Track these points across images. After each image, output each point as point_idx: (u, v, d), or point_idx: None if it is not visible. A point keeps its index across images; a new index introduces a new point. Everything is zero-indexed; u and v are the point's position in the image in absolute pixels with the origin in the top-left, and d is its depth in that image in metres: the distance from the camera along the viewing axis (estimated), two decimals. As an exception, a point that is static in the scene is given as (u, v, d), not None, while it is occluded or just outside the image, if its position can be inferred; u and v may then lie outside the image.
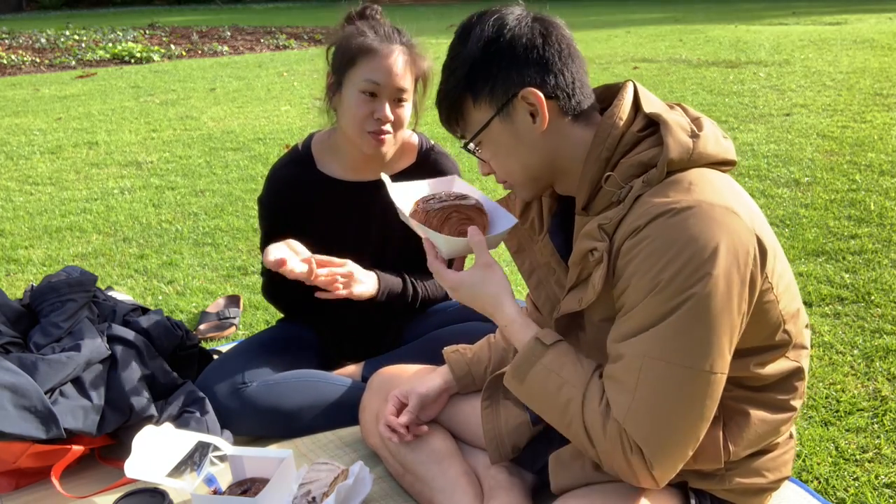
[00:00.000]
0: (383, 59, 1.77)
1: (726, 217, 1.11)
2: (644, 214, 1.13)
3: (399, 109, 1.83)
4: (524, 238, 1.44)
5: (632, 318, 1.14)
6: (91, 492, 1.72)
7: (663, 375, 1.11)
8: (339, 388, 1.93)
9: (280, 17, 17.48)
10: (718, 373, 1.12)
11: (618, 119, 1.20)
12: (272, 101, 7.07)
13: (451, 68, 1.24)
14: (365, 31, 1.81)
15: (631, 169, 1.18)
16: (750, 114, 5.68)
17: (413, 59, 1.82)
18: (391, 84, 1.79)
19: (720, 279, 1.09)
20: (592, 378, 1.19)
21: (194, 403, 1.81)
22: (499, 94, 1.21)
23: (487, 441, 1.52)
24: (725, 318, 1.10)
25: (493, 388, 1.54)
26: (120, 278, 3.15)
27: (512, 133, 1.23)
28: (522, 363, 1.24)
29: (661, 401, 1.11)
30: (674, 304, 1.09)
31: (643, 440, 1.12)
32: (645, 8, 16.64)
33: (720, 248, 1.09)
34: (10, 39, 12.66)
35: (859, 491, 1.76)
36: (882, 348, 2.36)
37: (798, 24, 12.09)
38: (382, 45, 1.78)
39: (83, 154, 5.26)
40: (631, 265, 1.13)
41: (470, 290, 1.31)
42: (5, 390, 1.63)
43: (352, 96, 1.81)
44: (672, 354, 1.10)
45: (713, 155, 1.20)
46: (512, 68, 1.20)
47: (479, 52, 1.21)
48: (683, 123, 1.20)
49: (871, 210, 3.56)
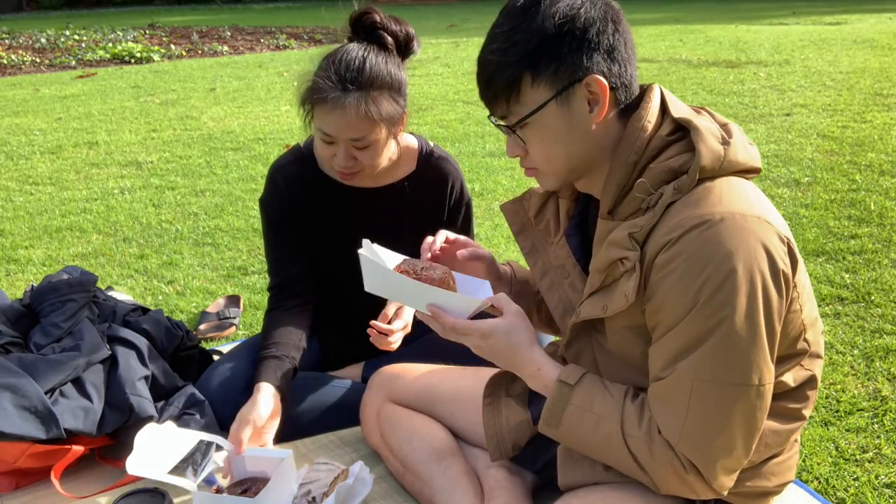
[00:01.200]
0: (333, 112, 1.66)
1: (760, 227, 1.10)
2: (677, 227, 1.11)
3: (362, 153, 1.73)
4: (538, 239, 1.42)
5: (673, 339, 1.12)
6: (91, 492, 1.72)
7: (715, 396, 1.10)
8: (340, 389, 1.93)
9: (280, 17, 17.48)
10: (767, 384, 1.12)
11: (646, 122, 1.18)
12: (272, 101, 7.07)
13: (514, 40, 1.14)
14: (323, 71, 1.69)
15: (661, 175, 1.16)
16: (750, 114, 5.68)
17: (368, 105, 1.66)
18: (343, 136, 1.70)
19: (758, 291, 1.09)
20: (625, 404, 1.18)
21: (194, 406, 1.81)
22: (563, 76, 1.14)
23: (488, 438, 1.52)
24: (768, 330, 1.10)
25: (494, 385, 1.54)
26: (120, 278, 3.15)
27: (565, 119, 1.17)
28: (553, 408, 1.23)
29: (715, 419, 1.11)
30: (715, 322, 1.09)
31: (699, 459, 1.12)
32: (645, 8, 16.63)
33: (757, 261, 1.08)
34: (10, 39, 12.66)
35: (859, 491, 1.75)
36: (882, 348, 2.36)
37: (798, 24, 12.09)
38: (335, 95, 1.65)
39: (83, 154, 5.26)
40: (666, 281, 1.12)
41: (505, 338, 1.24)
42: (5, 390, 1.63)
43: (316, 134, 1.75)
44: (721, 374, 1.10)
45: (742, 163, 1.18)
46: (582, 51, 1.14)
47: (553, 28, 1.13)
48: (714, 130, 1.19)
49: (871, 210, 3.56)
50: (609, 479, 1.30)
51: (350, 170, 1.75)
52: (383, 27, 1.75)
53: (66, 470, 1.73)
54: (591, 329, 1.31)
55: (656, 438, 1.15)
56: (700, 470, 1.13)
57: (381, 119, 1.69)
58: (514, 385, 1.54)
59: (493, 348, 1.25)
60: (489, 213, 3.80)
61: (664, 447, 1.14)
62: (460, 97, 6.45)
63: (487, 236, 3.51)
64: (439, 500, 1.53)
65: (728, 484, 1.16)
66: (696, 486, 1.15)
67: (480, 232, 3.55)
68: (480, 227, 3.62)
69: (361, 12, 1.74)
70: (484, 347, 1.26)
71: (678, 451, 1.13)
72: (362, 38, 1.75)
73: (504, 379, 1.55)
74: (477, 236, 3.50)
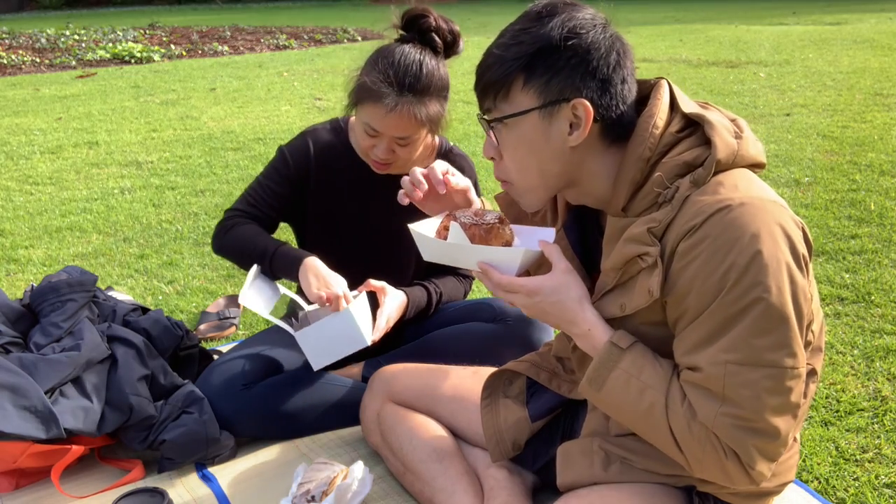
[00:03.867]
0: (384, 111, 1.72)
1: (778, 210, 1.11)
2: (699, 213, 1.11)
3: (403, 148, 1.81)
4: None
5: (703, 325, 1.12)
6: (91, 492, 1.72)
7: (749, 380, 1.09)
8: (340, 389, 1.93)
9: (280, 17, 17.48)
10: (801, 367, 1.11)
11: (658, 119, 1.17)
12: (272, 101, 7.07)
13: (518, 39, 1.16)
14: (380, 72, 1.73)
15: (675, 168, 1.16)
16: (750, 114, 5.68)
17: (420, 109, 1.74)
18: (389, 134, 1.76)
19: (784, 274, 1.08)
20: (672, 379, 1.17)
21: (194, 404, 1.81)
22: (553, 89, 1.15)
23: (487, 438, 1.52)
24: (796, 311, 1.10)
25: (492, 385, 1.54)
26: (120, 278, 3.15)
27: (543, 133, 1.17)
28: (600, 369, 1.19)
29: (751, 404, 1.10)
30: (744, 304, 1.08)
31: (738, 445, 1.11)
32: (645, 8, 16.64)
33: (780, 242, 1.09)
34: (10, 39, 12.66)
35: (859, 491, 1.75)
36: (882, 348, 2.36)
37: (798, 24, 12.09)
38: (389, 94, 1.71)
39: (83, 154, 5.26)
40: (691, 268, 1.11)
41: (553, 296, 1.21)
42: (5, 390, 1.63)
43: (359, 124, 1.82)
44: (754, 356, 1.09)
45: (753, 157, 1.19)
46: (578, 72, 1.14)
47: (557, 40, 1.13)
48: (727, 124, 1.19)
49: (872, 210, 3.56)
50: (608, 479, 1.30)
51: (387, 161, 1.82)
52: (436, 30, 1.78)
53: (66, 470, 1.73)
54: None
55: (697, 419, 1.13)
56: (739, 456, 1.12)
57: (428, 122, 1.76)
58: (512, 386, 1.55)
59: (540, 306, 1.22)
60: (489, 213, 3.79)
61: (703, 429, 1.12)
62: (460, 97, 6.44)
63: (487, 236, 3.50)
64: (439, 500, 1.54)
65: (767, 473, 1.14)
66: (734, 474, 1.13)
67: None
68: (480, 227, 3.62)
69: (418, 14, 1.78)
70: (531, 305, 1.23)
71: (718, 435, 1.12)
72: (415, 39, 1.78)
73: (501, 379, 1.55)
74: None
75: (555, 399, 1.51)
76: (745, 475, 1.13)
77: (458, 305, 2.10)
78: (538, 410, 1.51)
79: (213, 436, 1.77)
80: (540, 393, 1.52)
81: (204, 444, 1.76)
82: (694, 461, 1.15)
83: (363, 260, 2.01)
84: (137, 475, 1.76)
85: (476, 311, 2.04)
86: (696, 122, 1.19)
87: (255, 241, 1.91)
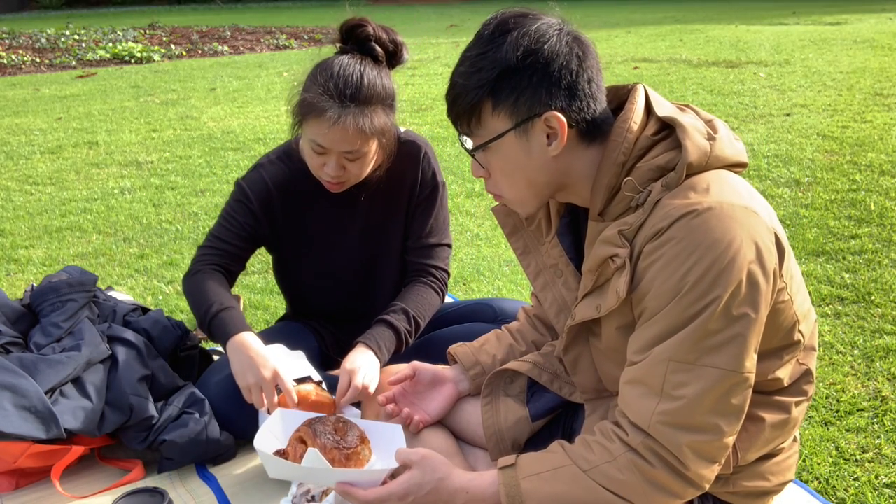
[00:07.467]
0: (327, 124, 1.66)
1: (747, 217, 1.11)
2: (666, 217, 1.12)
3: (352, 163, 1.74)
4: (530, 240, 1.43)
5: (656, 323, 1.13)
6: (91, 492, 1.72)
7: (690, 377, 1.10)
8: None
9: (280, 17, 17.48)
10: (747, 373, 1.12)
11: (632, 123, 1.18)
12: (272, 101, 7.07)
13: (478, 66, 1.16)
14: (320, 86, 1.68)
15: (648, 173, 1.17)
16: (750, 114, 5.68)
17: (364, 120, 1.67)
18: (336, 149, 1.71)
19: (744, 280, 1.09)
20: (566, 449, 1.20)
21: (194, 405, 1.81)
22: (522, 108, 1.16)
23: (487, 437, 1.52)
24: (751, 319, 1.10)
25: (493, 384, 1.54)
26: (120, 278, 3.15)
27: (524, 149, 1.19)
28: (510, 491, 1.20)
29: (689, 400, 1.10)
30: (699, 308, 1.09)
31: (671, 442, 1.11)
32: (645, 8, 16.64)
33: (743, 249, 1.09)
34: (10, 39, 12.66)
35: (859, 491, 1.76)
36: (882, 348, 2.36)
37: (798, 24, 12.09)
38: (331, 107, 1.65)
39: (83, 154, 5.26)
40: (653, 268, 1.12)
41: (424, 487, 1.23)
42: (5, 390, 1.63)
43: (306, 143, 1.75)
44: (698, 357, 1.10)
45: (729, 157, 1.19)
46: (542, 86, 1.15)
47: (515, 61, 1.14)
48: (699, 126, 1.19)
49: (872, 210, 3.56)
50: None
51: (339, 179, 1.76)
52: (376, 39, 1.74)
53: (66, 470, 1.73)
54: (587, 332, 1.32)
55: (614, 447, 1.15)
56: (670, 460, 1.12)
57: (375, 133, 1.70)
58: (513, 385, 1.55)
59: (418, 502, 1.24)
60: (490, 213, 3.80)
61: (624, 449, 1.14)
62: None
63: (488, 236, 3.51)
64: (439, 500, 1.53)
65: (707, 476, 1.14)
66: (670, 484, 1.13)
67: (481, 232, 3.55)
68: (481, 227, 3.62)
69: (355, 24, 1.73)
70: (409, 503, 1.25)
71: (651, 434, 1.12)
72: (354, 50, 1.74)
73: (501, 378, 1.55)
74: (477, 236, 3.50)
75: (555, 399, 1.51)
76: (678, 479, 1.13)
77: (459, 306, 2.10)
78: (539, 410, 1.51)
79: (213, 436, 1.77)
80: (541, 392, 1.53)
81: (204, 444, 1.76)
82: (636, 495, 1.15)
83: (341, 278, 2.00)
84: (137, 475, 1.76)
85: (476, 311, 2.04)
86: (672, 126, 1.19)
87: (204, 296, 1.81)
